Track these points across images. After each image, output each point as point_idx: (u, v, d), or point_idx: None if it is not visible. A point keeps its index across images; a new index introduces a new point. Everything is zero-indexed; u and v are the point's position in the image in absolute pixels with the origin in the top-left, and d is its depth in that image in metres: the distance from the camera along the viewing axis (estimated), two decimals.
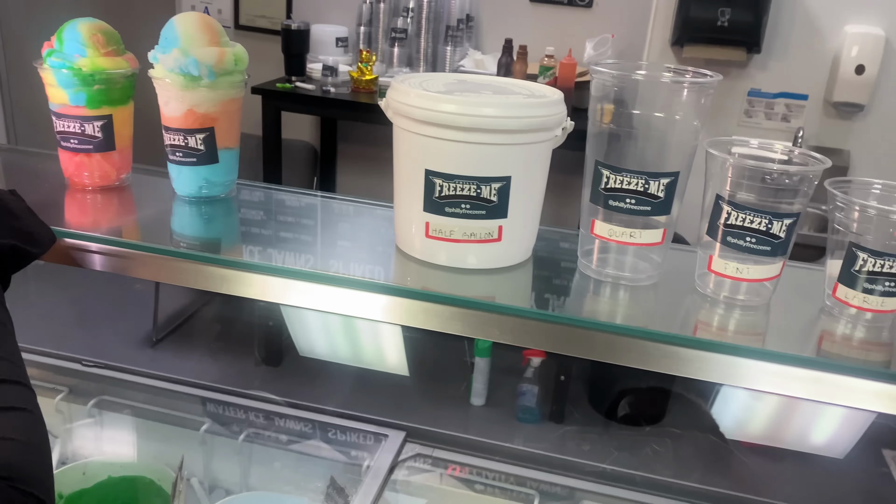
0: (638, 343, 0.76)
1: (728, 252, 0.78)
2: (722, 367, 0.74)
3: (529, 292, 0.85)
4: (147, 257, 0.84)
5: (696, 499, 1.42)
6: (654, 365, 0.75)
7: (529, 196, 0.82)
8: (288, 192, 1.05)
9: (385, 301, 0.80)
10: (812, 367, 0.73)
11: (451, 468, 1.49)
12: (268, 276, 0.83)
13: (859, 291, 0.76)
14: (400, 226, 0.87)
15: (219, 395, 1.61)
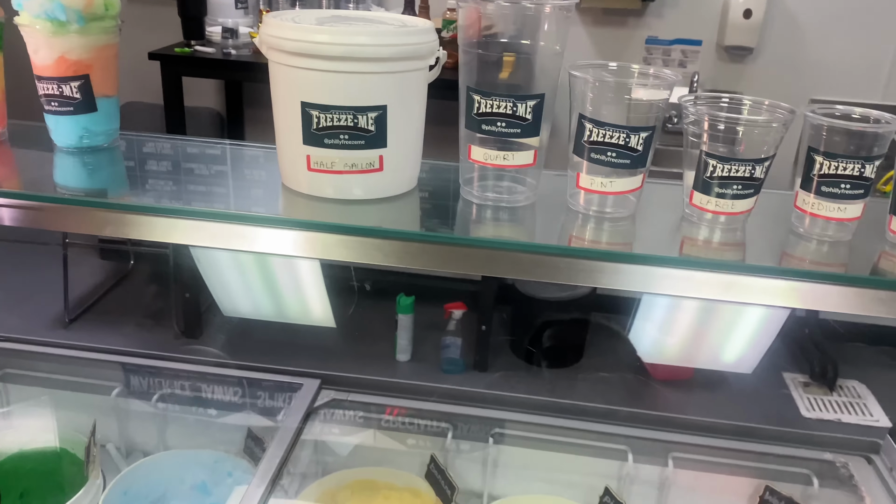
0: (516, 255, 0.80)
1: (593, 168, 0.83)
2: (593, 272, 0.79)
3: (415, 218, 0.88)
4: (31, 207, 0.83)
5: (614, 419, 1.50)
6: (530, 274, 0.80)
7: (407, 125, 0.85)
8: (174, 139, 1.04)
9: (270, 233, 0.81)
10: (675, 265, 0.79)
11: (374, 410, 1.52)
12: (156, 217, 0.83)
13: (712, 196, 0.82)
14: (284, 162, 0.89)
15: (129, 359, 1.60)
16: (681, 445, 1.45)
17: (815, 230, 0.84)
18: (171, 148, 1.03)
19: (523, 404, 1.51)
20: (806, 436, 1.48)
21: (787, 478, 1.42)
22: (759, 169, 0.80)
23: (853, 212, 0.80)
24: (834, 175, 0.79)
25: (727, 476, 1.45)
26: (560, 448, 1.48)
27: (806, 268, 0.81)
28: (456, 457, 1.49)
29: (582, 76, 0.80)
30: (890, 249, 0.83)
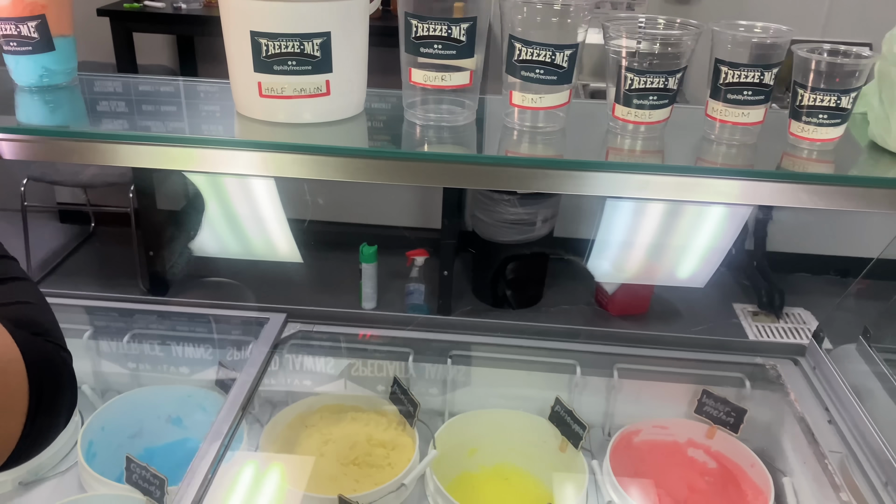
0: (457, 167, 0.88)
1: (524, 86, 0.91)
2: (526, 177, 0.88)
3: (363, 137, 0.95)
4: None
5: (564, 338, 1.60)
6: (468, 182, 0.88)
7: (351, 51, 0.92)
8: (133, 77, 1.09)
9: (228, 154, 0.88)
10: (598, 169, 0.88)
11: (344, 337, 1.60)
12: (120, 144, 0.89)
13: (632, 108, 0.91)
14: (237, 91, 0.95)
15: (99, 303, 1.66)
16: (625, 357, 1.57)
17: (723, 135, 0.93)
18: (129, 85, 1.08)
19: (478, 328, 1.61)
20: (739, 343, 1.61)
21: (723, 382, 1.54)
22: (672, 80, 0.89)
23: (755, 116, 0.90)
24: (737, 83, 0.88)
25: (668, 383, 1.57)
26: (514, 366, 1.59)
27: (718, 165, 0.90)
28: (418, 379, 1.58)
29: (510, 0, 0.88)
30: (790, 150, 0.93)
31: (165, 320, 1.65)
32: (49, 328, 0.66)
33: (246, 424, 1.47)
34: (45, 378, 0.59)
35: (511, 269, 3.54)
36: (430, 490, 1.40)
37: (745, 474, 1.47)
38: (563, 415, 1.49)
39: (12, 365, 0.56)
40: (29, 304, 0.67)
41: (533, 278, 3.59)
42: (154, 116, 0.98)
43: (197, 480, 1.20)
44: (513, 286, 3.57)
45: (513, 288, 3.57)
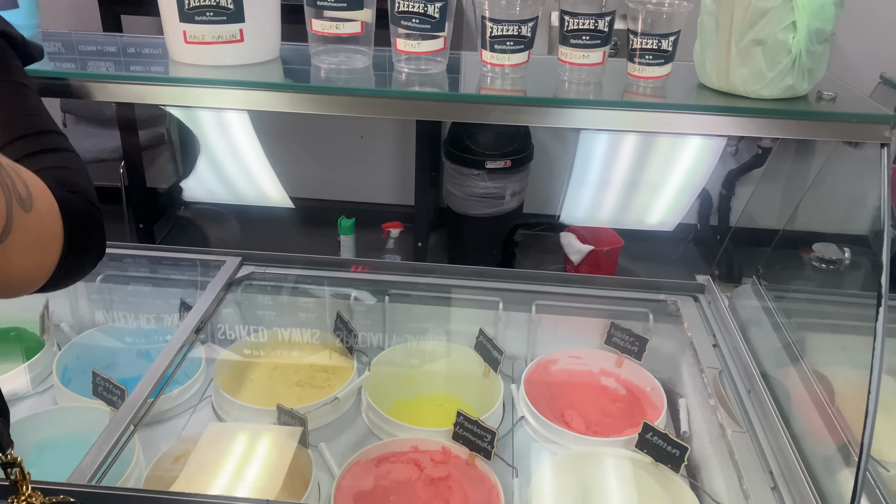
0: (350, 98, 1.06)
1: (405, 34, 1.09)
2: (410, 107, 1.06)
3: (276, 76, 1.14)
4: None
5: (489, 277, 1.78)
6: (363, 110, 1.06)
7: (262, 3, 1.10)
8: (86, 34, 1.28)
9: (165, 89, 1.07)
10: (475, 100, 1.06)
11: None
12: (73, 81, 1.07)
13: (495, 52, 1.09)
14: (169, 40, 1.13)
15: None
16: (543, 294, 1.75)
17: (573, 76, 1.11)
18: (83, 39, 1.26)
19: (414, 269, 1.80)
20: (646, 282, 1.78)
21: (630, 316, 1.72)
22: (525, 28, 1.06)
23: (595, 58, 1.07)
24: (577, 30, 1.05)
25: (582, 318, 1.75)
26: (444, 303, 1.77)
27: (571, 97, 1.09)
28: (359, 314, 1.77)
29: None
30: (629, 88, 1.11)
31: (136, 262, 1.84)
32: (85, 189, 0.80)
33: (205, 355, 1.66)
34: (77, 226, 0.75)
35: (482, 241, 3.72)
36: (364, 408, 1.58)
37: (647, 397, 1.65)
38: (485, 343, 1.67)
39: (51, 214, 0.71)
40: (70, 169, 0.82)
41: (503, 250, 3.77)
42: (104, 61, 1.16)
43: (147, 387, 1.39)
44: (485, 258, 3.75)
45: (485, 259, 3.75)
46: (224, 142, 1.86)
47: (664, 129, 1.05)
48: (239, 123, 1.77)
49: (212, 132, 1.87)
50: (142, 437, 1.41)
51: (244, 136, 1.81)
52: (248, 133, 1.79)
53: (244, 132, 1.80)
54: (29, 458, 1.45)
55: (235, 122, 1.76)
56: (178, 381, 1.58)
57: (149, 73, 1.09)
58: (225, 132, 1.85)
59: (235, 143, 1.85)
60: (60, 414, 1.52)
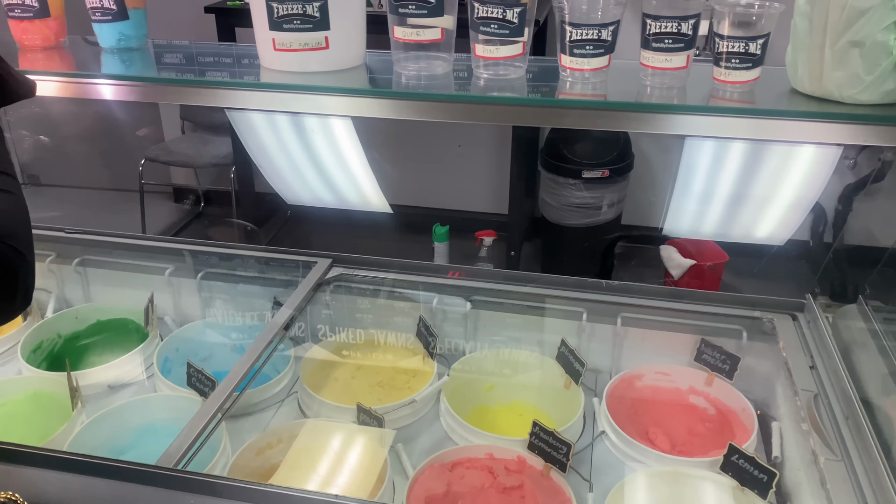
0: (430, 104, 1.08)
1: (484, 39, 1.09)
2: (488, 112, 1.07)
3: (360, 82, 1.17)
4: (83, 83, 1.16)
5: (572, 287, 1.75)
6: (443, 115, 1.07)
7: (346, 12, 1.13)
8: (192, 43, 1.36)
9: (254, 94, 1.12)
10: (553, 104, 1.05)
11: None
12: (173, 87, 1.15)
13: (575, 57, 1.07)
14: (260, 48, 1.19)
15: (179, 245, 1.96)
16: (630, 307, 1.70)
17: (655, 80, 1.07)
18: (187, 48, 1.35)
19: (496, 276, 1.79)
20: (740, 298, 1.70)
21: (722, 333, 1.65)
22: (606, 32, 1.05)
23: (678, 62, 1.04)
24: (659, 33, 1.02)
25: (670, 333, 1.69)
26: (526, 311, 1.75)
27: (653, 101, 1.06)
28: (442, 320, 1.78)
29: None
30: (715, 92, 1.06)
31: (234, 261, 1.93)
32: (11, 233, 0.77)
33: (294, 353, 1.72)
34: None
35: (578, 252, 3.66)
36: (443, 412, 1.59)
37: (737, 418, 1.57)
38: (567, 354, 1.64)
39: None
40: (2, 211, 0.79)
41: (600, 263, 3.69)
42: (201, 68, 1.23)
43: (234, 380, 1.45)
44: (579, 269, 3.69)
45: (579, 271, 3.69)
46: (326, 147, 1.92)
47: (751, 135, 1.00)
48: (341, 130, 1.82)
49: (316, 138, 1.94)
50: (229, 428, 1.48)
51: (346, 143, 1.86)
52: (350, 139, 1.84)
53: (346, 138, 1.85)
54: (128, 441, 1.57)
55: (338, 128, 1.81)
56: (267, 375, 1.65)
57: (238, 80, 1.15)
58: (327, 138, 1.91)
59: (337, 148, 1.91)
60: (157, 401, 1.61)
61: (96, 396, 1.68)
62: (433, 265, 1.82)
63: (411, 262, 1.83)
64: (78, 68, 1.25)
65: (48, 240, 2.00)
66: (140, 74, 1.16)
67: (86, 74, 1.15)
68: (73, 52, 1.32)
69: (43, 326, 1.85)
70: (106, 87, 1.15)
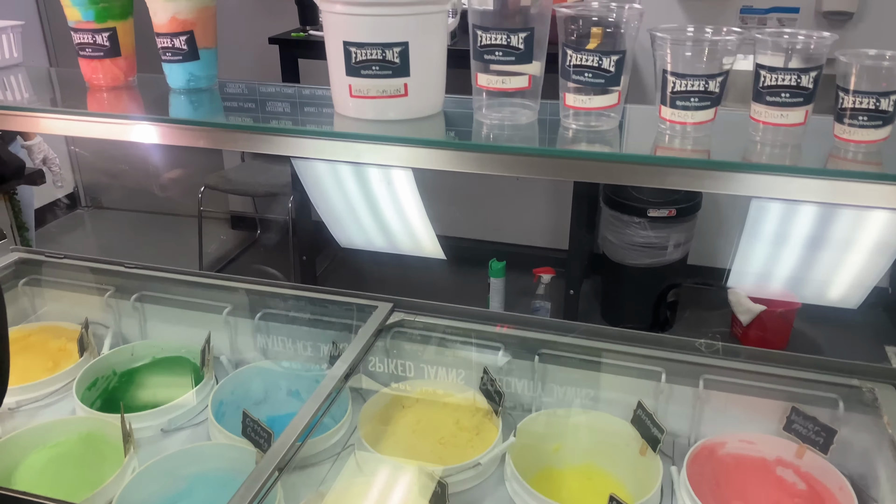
0: (513, 157, 1.00)
1: (576, 88, 1.01)
2: (577, 168, 0.98)
3: (439, 132, 1.10)
4: (150, 126, 1.12)
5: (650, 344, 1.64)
6: (525, 171, 0.99)
7: (427, 59, 1.06)
8: (260, 83, 1.31)
9: (327, 143, 1.05)
10: (650, 162, 0.96)
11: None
12: (242, 133, 1.09)
13: (676, 109, 0.98)
14: (334, 93, 1.12)
15: (238, 284, 1.91)
16: (712, 368, 1.57)
17: (767, 136, 0.97)
18: (258, 89, 1.29)
19: (567, 329, 1.69)
20: (836, 363, 1.56)
21: (815, 401, 1.51)
22: (713, 83, 0.95)
23: (795, 118, 0.93)
24: (775, 86, 0.92)
25: (756, 398, 1.56)
26: (600, 368, 1.64)
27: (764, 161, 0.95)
28: (507, 372, 1.69)
29: (564, 11, 0.98)
30: (835, 152, 0.96)
31: (292, 301, 1.87)
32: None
33: (351, 399, 1.65)
34: None
35: (640, 293, 3.53)
36: (508, 475, 1.49)
37: (833, 497, 1.43)
38: (644, 418, 1.53)
39: None
40: None
41: (663, 304, 3.55)
42: (270, 113, 1.18)
43: (293, 434, 1.38)
44: (642, 311, 3.55)
45: (642, 313, 3.55)
46: (383, 190, 1.86)
47: (878, 203, 0.89)
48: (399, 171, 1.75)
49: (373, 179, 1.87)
50: (284, 483, 1.41)
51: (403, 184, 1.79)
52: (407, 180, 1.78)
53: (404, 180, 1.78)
54: (180, 491, 1.51)
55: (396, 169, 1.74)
56: (324, 425, 1.57)
57: (311, 128, 1.08)
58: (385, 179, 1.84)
59: (394, 191, 1.84)
60: (211, 450, 1.55)
61: (149, 440, 1.63)
62: (500, 314, 1.73)
63: (476, 309, 1.74)
64: (146, 110, 1.21)
65: (108, 273, 1.97)
66: (208, 119, 1.11)
67: (153, 118, 1.11)
68: (141, 92, 1.28)
69: (99, 363, 1.82)
70: (173, 132, 1.10)
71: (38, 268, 2.03)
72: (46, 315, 2.04)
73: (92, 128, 1.11)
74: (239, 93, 1.28)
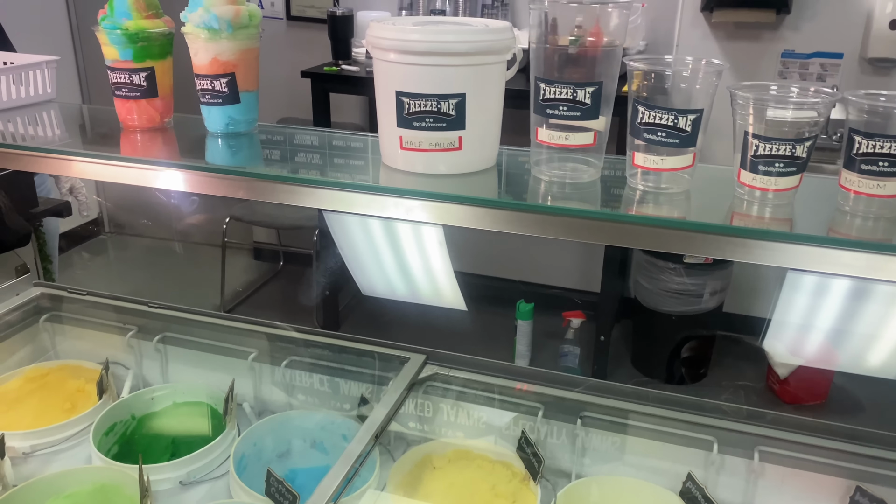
0: (576, 221, 0.92)
1: (647, 147, 0.93)
2: (644, 236, 0.89)
3: (492, 190, 1.02)
4: (184, 173, 1.05)
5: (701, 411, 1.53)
6: (586, 236, 0.91)
7: (484, 111, 0.99)
8: (301, 129, 1.24)
9: (369, 198, 0.98)
10: (725, 233, 0.87)
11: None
12: (281, 184, 1.02)
13: (758, 174, 0.90)
14: (383, 143, 1.05)
15: (265, 329, 1.83)
16: (769, 440, 1.47)
17: (858, 207, 0.88)
18: (298, 135, 1.23)
19: (611, 391, 1.59)
20: None
21: (882, 480, 1.40)
22: (801, 148, 0.87)
23: (893, 189, 0.85)
24: (872, 154, 0.84)
25: (816, 474, 1.45)
26: (646, 434, 1.54)
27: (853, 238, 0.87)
28: (547, 435, 1.59)
29: (631, 65, 0.91)
30: None
31: (320, 349, 1.80)
32: None
33: (379, 456, 1.55)
34: None
35: (673, 341, 3.41)
36: None
37: None
38: (695, 492, 1.42)
39: None
40: None
41: (697, 354, 3.43)
42: (312, 162, 1.11)
43: (321, 501, 1.29)
44: (674, 360, 3.43)
45: (674, 362, 3.44)
46: (411, 239, 1.78)
47: None
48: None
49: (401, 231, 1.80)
50: None
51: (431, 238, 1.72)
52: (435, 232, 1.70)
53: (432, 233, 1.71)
54: None
55: None
56: (352, 485, 1.48)
57: (359, 181, 1.01)
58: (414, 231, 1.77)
59: (422, 241, 1.77)
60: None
61: (167, 493, 1.55)
62: (541, 372, 1.64)
63: (516, 366, 1.66)
64: (181, 156, 1.15)
65: (131, 312, 1.91)
66: (248, 169, 1.04)
67: (189, 166, 1.04)
68: (177, 134, 1.22)
69: (118, 407, 1.74)
70: (210, 181, 1.04)
71: (60, 304, 1.97)
72: (66, 353, 1.97)
73: (125, 173, 1.05)
74: (280, 140, 1.21)
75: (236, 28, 1.11)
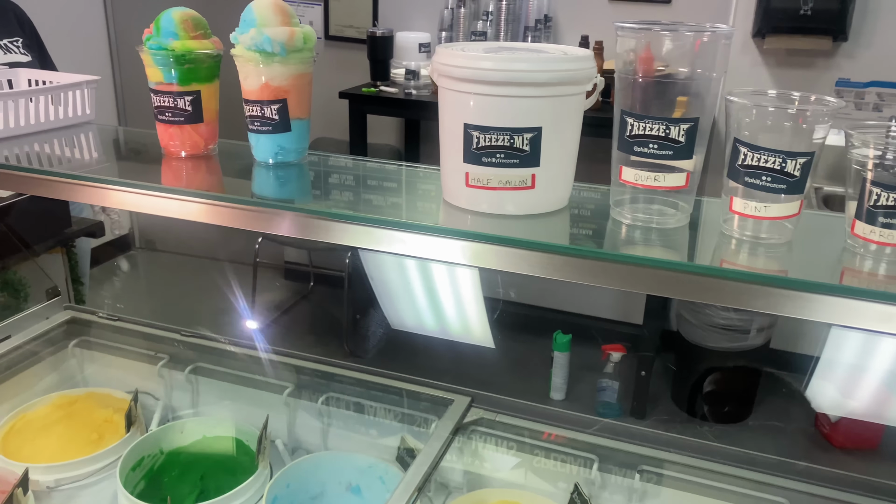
0: (661, 272, 0.82)
1: (747, 192, 0.83)
2: (741, 293, 0.79)
3: (564, 234, 0.92)
4: (230, 208, 0.97)
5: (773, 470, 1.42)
6: (674, 292, 0.81)
7: (560, 147, 0.90)
8: (354, 159, 1.16)
9: (430, 240, 0.89)
10: (833, 293, 0.77)
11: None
12: (332, 222, 0.93)
13: (877, 226, 0.79)
14: (445, 179, 0.96)
15: (301, 362, 1.75)
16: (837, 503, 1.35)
17: None
18: (350, 166, 1.15)
19: (675, 444, 1.48)
20: None
21: None
22: None
23: None
24: None
25: None
26: (711, 493, 1.42)
27: None
28: (601, 489, 1.48)
29: (738, 101, 0.81)
30: None
31: (359, 387, 1.70)
32: None
33: None
34: None
35: (717, 378, 3.27)
36: None
37: None
38: None
39: None
40: None
41: (742, 392, 3.29)
42: (366, 198, 1.02)
43: None
44: (718, 398, 3.29)
45: (718, 400, 3.29)
46: (445, 277, 1.70)
47: None
48: None
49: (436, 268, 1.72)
50: None
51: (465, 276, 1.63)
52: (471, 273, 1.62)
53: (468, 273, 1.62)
54: None
55: None
56: None
57: (420, 223, 0.92)
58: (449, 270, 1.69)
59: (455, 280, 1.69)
60: None
61: None
62: (593, 419, 1.53)
63: (571, 413, 1.55)
64: (227, 188, 1.07)
65: (162, 341, 1.84)
66: (297, 204, 0.96)
67: (235, 200, 0.96)
68: (222, 163, 1.14)
69: (146, 441, 1.66)
70: (257, 216, 0.95)
71: (90, 329, 1.91)
72: (95, 380, 1.90)
73: (167, 205, 0.97)
74: (331, 171, 1.13)
75: (290, 51, 1.03)
